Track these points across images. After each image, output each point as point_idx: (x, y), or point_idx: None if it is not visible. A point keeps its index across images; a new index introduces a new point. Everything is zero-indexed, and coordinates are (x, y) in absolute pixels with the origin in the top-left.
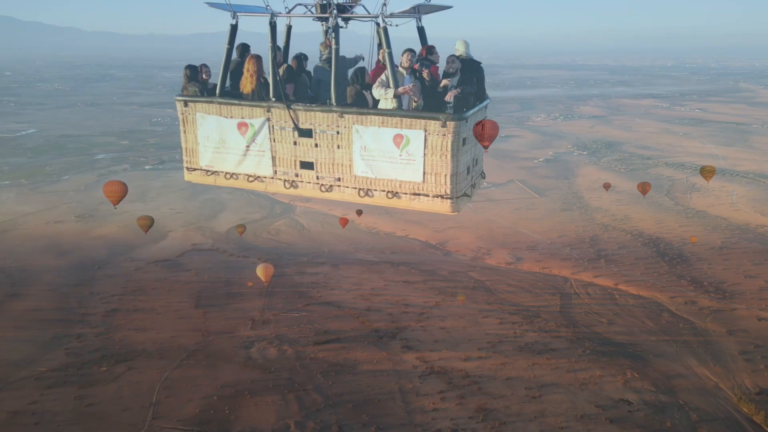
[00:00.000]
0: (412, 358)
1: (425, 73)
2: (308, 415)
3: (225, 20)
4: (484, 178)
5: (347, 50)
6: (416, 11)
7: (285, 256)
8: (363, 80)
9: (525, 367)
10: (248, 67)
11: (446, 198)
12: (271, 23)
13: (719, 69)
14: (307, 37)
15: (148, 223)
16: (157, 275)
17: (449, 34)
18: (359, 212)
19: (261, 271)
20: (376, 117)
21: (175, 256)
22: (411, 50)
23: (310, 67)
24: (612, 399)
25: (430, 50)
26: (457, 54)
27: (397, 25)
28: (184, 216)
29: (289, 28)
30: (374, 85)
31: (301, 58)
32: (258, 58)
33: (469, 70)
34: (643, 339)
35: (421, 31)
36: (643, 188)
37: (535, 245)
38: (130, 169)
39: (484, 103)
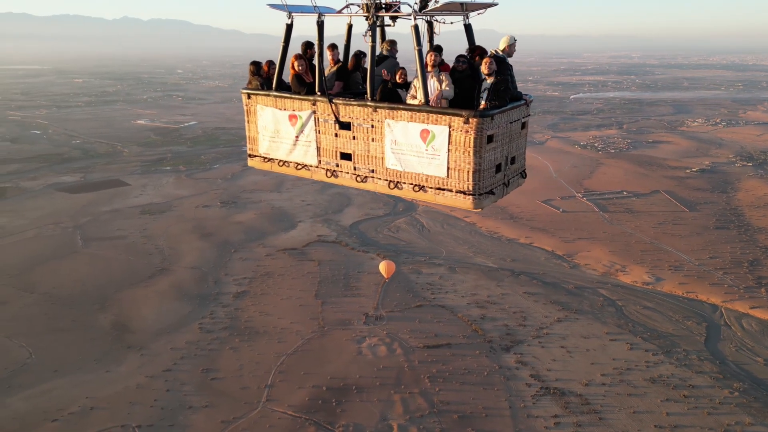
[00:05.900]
0: (526, 375)
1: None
2: (412, 420)
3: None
4: (524, 177)
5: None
6: (463, 8)
7: (403, 254)
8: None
9: (657, 402)
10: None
11: (468, 194)
12: (318, 23)
13: None
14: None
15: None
16: (284, 262)
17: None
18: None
19: (383, 267)
20: (405, 112)
21: (301, 246)
22: (435, 51)
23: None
24: None
25: (482, 53)
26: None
27: (452, 23)
28: (314, 208)
29: (350, 26)
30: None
31: (360, 56)
32: (296, 56)
33: (501, 68)
34: None
35: (468, 29)
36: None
37: (680, 265)
38: None
39: (520, 102)
